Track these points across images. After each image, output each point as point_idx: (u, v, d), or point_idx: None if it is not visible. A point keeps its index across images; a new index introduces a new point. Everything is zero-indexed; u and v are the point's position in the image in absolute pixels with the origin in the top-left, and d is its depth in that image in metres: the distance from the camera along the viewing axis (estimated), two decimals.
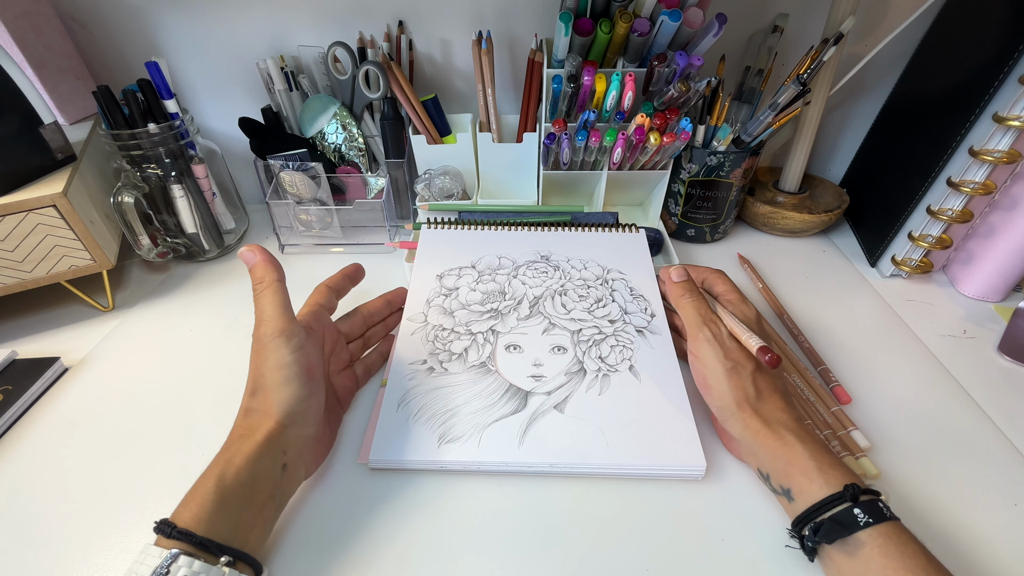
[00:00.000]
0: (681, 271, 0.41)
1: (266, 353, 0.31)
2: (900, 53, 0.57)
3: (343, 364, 0.40)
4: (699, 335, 0.36)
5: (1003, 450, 0.37)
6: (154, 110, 0.50)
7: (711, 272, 0.41)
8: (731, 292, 0.39)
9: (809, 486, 0.28)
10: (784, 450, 0.30)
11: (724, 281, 0.40)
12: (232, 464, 0.28)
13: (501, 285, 0.46)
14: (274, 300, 0.32)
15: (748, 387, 0.33)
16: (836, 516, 0.27)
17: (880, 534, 0.26)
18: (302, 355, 0.31)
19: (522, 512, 0.33)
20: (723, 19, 0.46)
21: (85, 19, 0.56)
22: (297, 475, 0.32)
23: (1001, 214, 0.48)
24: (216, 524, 0.26)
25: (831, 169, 0.69)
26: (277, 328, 0.31)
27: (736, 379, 0.33)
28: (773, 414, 0.32)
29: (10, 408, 0.40)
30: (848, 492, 0.27)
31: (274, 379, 0.31)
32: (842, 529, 0.26)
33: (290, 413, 0.31)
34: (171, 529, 0.25)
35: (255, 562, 0.27)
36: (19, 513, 0.34)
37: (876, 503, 0.27)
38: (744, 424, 0.32)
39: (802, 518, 0.28)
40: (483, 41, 0.52)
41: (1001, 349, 0.45)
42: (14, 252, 0.44)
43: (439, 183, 0.58)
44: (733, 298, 0.39)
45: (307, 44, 0.57)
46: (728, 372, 0.33)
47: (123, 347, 0.47)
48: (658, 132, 0.50)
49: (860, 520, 0.26)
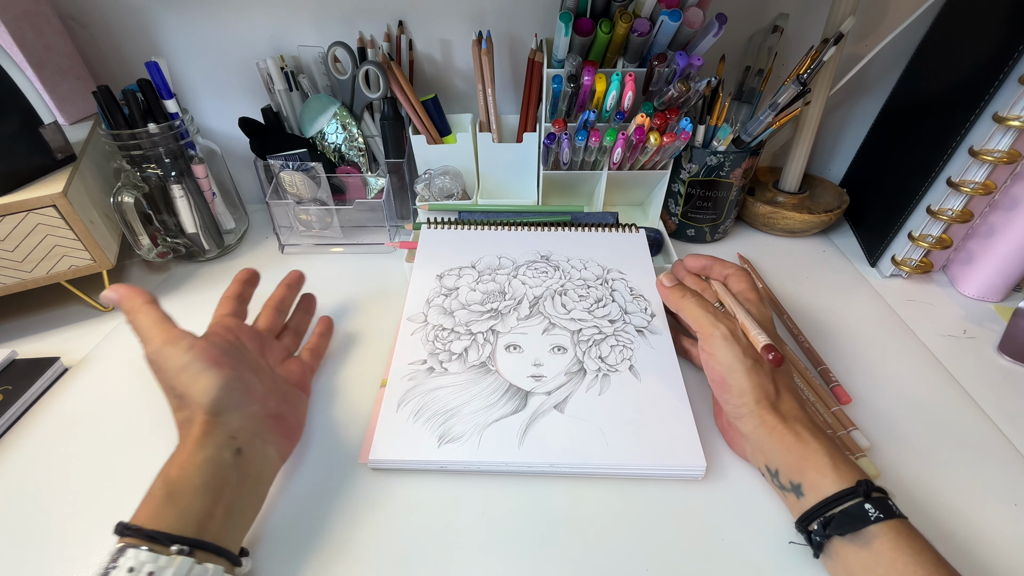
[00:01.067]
0: (670, 276, 0.41)
1: (162, 364, 0.31)
2: (900, 53, 0.57)
3: (281, 355, 0.40)
4: (714, 333, 0.35)
5: (1003, 450, 0.37)
6: (154, 110, 0.50)
7: (735, 270, 0.40)
8: (751, 291, 0.38)
9: (822, 481, 0.29)
10: (799, 446, 0.30)
11: (746, 280, 0.39)
12: (175, 462, 0.29)
13: (501, 285, 0.46)
14: (148, 318, 0.32)
15: (768, 384, 0.33)
16: (848, 510, 0.27)
17: (891, 529, 0.26)
18: (198, 351, 0.31)
19: (522, 512, 0.33)
20: (723, 19, 0.46)
21: (85, 19, 0.56)
22: (264, 454, 0.32)
23: (1001, 214, 0.48)
24: (166, 517, 0.26)
25: (831, 169, 0.69)
26: (160, 340, 0.31)
27: (756, 377, 0.33)
28: (790, 411, 0.32)
29: (10, 408, 0.40)
30: (861, 488, 0.27)
31: (184, 381, 0.30)
32: (855, 522, 0.27)
33: (216, 400, 0.30)
34: (123, 527, 0.26)
35: (222, 550, 0.27)
36: (19, 513, 0.34)
37: (886, 500, 0.28)
38: (761, 420, 0.32)
39: (811, 513, 0.29)
40: (483, 41, 0.52)
41: (1001, 349, 0.45)
42: (14, 252, 0.44)
43: (439, 183, 0.58)
44: (752, 297, 0.38)
45: (307, 44, 0.57)
46: (748, 370, 0.33)
47: (123, 347, 0.47)
48: (658, 132, 0.50)
49: (871, 515, 0.27)
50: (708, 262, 0.42)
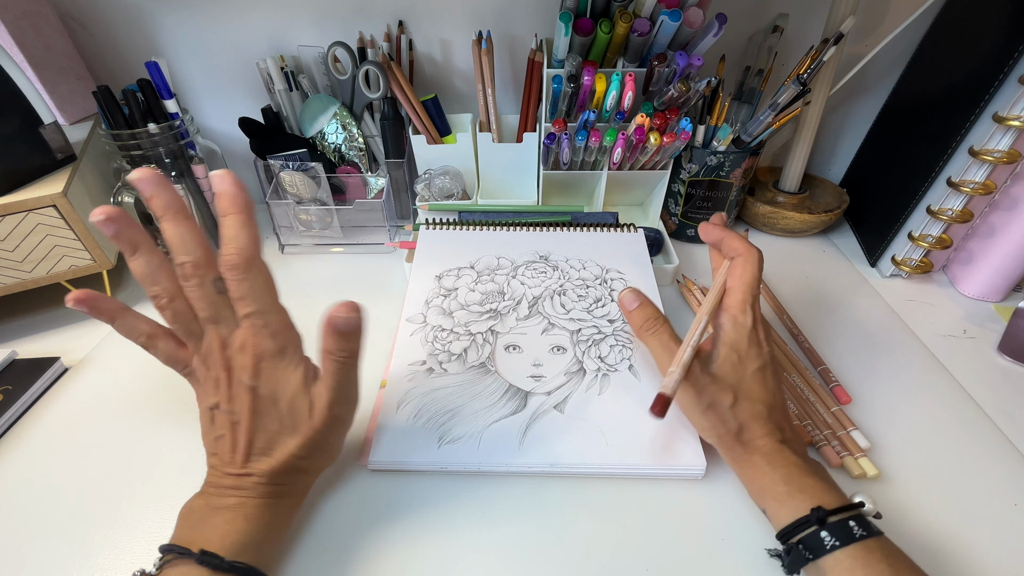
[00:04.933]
0: (634, 295, 0.35)
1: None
2: (900, 53, 0.57)
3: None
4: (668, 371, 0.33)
5: (1003, 450, 0.37)
6: (154, 110, 0.50)
7: (742, 252, 0.34)
8: (738, 292, 0.33)
9: (779, 510, 0.29)
10: (757, 475, 0.30)
11: (744, 273, 0.34)
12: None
13: (500, 285, 0.46)
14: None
15: (729, 421, 0.31)
16: (804, 540, 0.27)
17: (848, 556, 0.25)
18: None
19: (522, 512, 0.33)
20: (723, 19, 0.46)
21: (85, 19, 0.56)
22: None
23: (1001, 214, 0.48)
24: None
25: (831, 169, 0.69)
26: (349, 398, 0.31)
27: (714, 416, 0.31)
28: (752, 441, 0.31)
29: (10, 408, 0.40)
30: (814, 515, 0.27)
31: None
32: (805, 557, 0.26)
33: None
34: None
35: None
36: (19, 513, 0.34)
37: (846, 524, 0.26)
38: (725, 452, 0.32)
39: (779, 538, 0.29)
40: (483, 41, 0.52)
41: (1001, 349, 0.45)
42: (14, 252, 0.44)
43: (439, 183, 0.58)
44: (734, 301, 0.33)
45: (307, 44, 0.57)
46: (704, 412, 0.32)
47: (123, 347, 0.47)
48: (658, 132, 0.50)
49: (827, 544, 0.26)
50: (721, 235, 0.36)
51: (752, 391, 0.32)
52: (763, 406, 0.31)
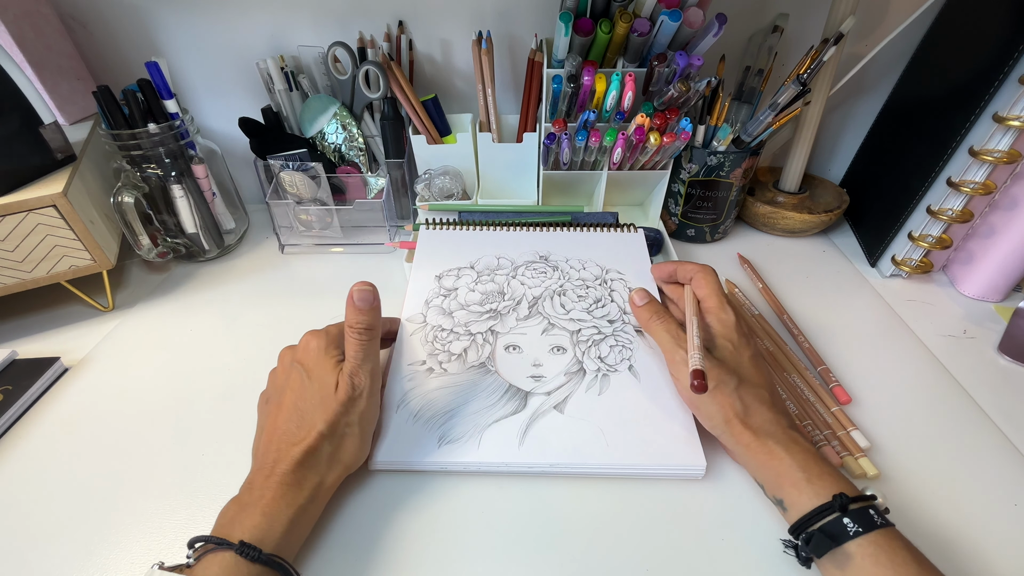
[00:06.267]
0: (643, 294, 0.40)
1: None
2: (900, 53, 0.57)
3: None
4: (675, 358, 0.35)
5: (1003, 450, 0.37)
6: (154, 110, 0.50)
7: (697, 270, 0.39)
8: (711, 297, 0.37)
9: (799, 497, 0.28)
10: (773, 462, 0.30)
11: (708, 283, 0.38)
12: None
13: (500, 285, 0.46)
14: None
15: (735, 402, 0.32)
16: (825, 527, 0.27)
17: (871, 543, 0.26)
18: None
19: (522, 512, 0.33)
20: (723, 19, 0.46)
21: (85, 19, 0.56)
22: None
23: (1001, 214, 0.48)
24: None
25: (831, 169, 0.69)
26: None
27: (721, 396, 0.32)
28: (762, 426, 0.31)
29: (10, 408, 0.40)
30: (837, 502, 0.27)
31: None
32: (831, 542, 0.26)
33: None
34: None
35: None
36: (19, 513, 0.34)
37: (867, 511, 0.27)
38: (735, 439, 0.32)
39: (795, 528, 0.28)
40: (483, 41, 0.52)
41: (1001, 349, 0.45)
42: (14, 252, 0.44)
43: (439, 183, 0.58)
44: (711, 304, 0.37)
45: (307, 44, 0.57)
46: (712, 393, 0.32)
47: (123, 347, 0.47)
48: (658, 132, 0.50)
49: (850, 530, 0.26)
50: (672, 268, 0.42)
51: (752, 375, 0.34)
52: (764, 391, 0.33)
